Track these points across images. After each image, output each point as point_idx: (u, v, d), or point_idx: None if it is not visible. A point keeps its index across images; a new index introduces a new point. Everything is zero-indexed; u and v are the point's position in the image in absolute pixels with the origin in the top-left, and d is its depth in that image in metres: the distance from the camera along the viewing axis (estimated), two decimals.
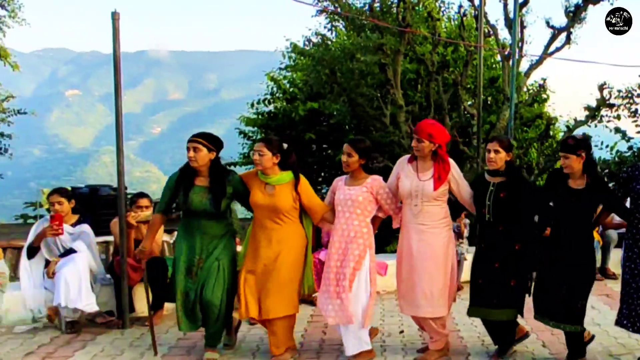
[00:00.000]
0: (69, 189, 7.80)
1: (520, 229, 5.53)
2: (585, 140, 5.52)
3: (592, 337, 5.84)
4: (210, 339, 5.81)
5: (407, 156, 5.81)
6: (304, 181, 5.78)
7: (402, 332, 6.47)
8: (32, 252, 6.76)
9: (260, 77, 18.26)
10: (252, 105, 17.45)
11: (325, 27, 18.91)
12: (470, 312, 5.77)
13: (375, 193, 5.70)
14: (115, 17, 7.06)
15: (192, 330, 5.78)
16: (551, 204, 5.64)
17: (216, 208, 5.64)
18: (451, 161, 5.67)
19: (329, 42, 17.58)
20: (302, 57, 17.28)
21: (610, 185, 6.31)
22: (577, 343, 5.60)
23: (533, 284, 5.70)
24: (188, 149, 5.62)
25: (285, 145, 5.78)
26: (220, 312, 5.65)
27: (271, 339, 5.78)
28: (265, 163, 5.63)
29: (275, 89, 17.80)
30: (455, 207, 5.91)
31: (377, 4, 16.93)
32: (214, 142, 5.68)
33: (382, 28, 14.62)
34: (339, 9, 16.84)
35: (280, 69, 18.07)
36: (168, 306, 6.98)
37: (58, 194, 6.83)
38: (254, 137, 17.48)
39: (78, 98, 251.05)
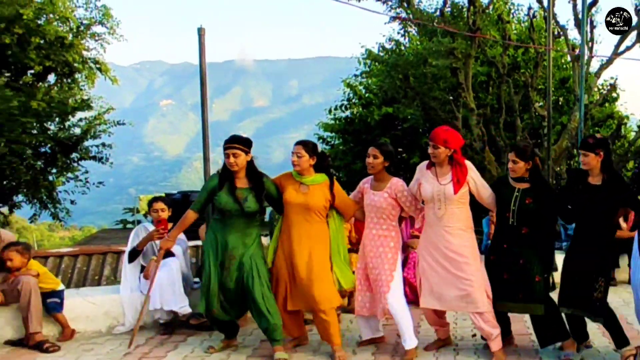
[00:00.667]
0: (163, 195, 7.93)
1: (543, 232, 5.51)
2: (604, 140, 5.52)
3: None
4: (272, 334, 5.75)
5: (426, 162, 5.72)
6: (337, 183, 5.86)
7: (474, 335, 6.23)
8: (134, 255, 6.87)
9: (339, 82, 18.27)
10: (330, 111, 17.48)
11: (398, 33, 18.81)
12: (497, 307, 5.61)
13: (395, 196, 5.70)
14: (201, 32, 7.13)
15: (224, 318, 5.81)
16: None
17: (259, 206, 5.72)
18: (469, 164, 5.59)
19: (402, 48, 17.46)
20: (376, 64, 17.22)
21: None
22: (616, 332, 5.46)
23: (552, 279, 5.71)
24: (227, 155, 5.65)
25: (320, 149, 5.90)
26: (267, 306, 5.63)
27: (327, 331, 5.71)
28: (302, 164, 5.70)
29: (351, 95, 17.77)
30: (475, 207, 5.75)
31: (448, 9, 16.73)
32: (248, 145, 5.74)
33: (453, 32, 14.44)
34: (411, 16, 16.70)
35: (356, 75, 18.02)
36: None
37: (162, 201, 6.97)
38: (332, 142, 17.50)
39: (172, 107, 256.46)
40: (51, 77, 19.61)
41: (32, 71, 18.74)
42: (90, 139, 19.69)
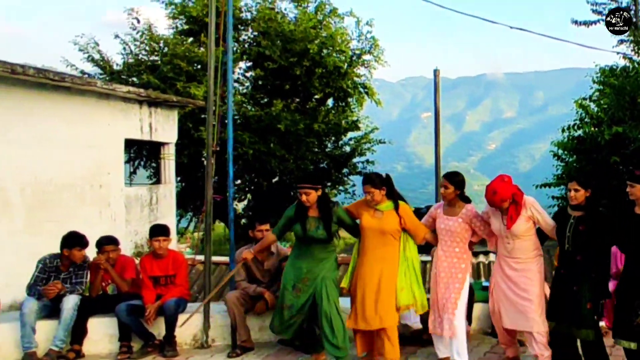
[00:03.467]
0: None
1: (597, 259, 5.16)
2: None
3: None
4: (332, 351, 5.60)
5: None
6: (403, 206, 5.60)
7: None
8: None
9: (582, 94, 16.76)
10: (563, 130, 16.18)
11: (632, 51, 16.92)
12: (550, 327, 5.33)
13: (469, 222, 5.54)
14: (436, 73, 7.07)
15: (285, 336, 5.86)
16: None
17: (327, 233, 5.63)
18: (530, 199, 5.40)
19: (636, 65, 15.65)
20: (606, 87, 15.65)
21: None
22: None
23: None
24: (300, 194, 5.60)
25: (384, 175, 5.67)
26: (333, 325, 5.52)
27: (386, 347, 5.49)
28: (377, 198, 5.53)
29: (583, 114, 16.27)
30: (540, 235, 5.52)
31: None
32: (318, 182, 5.68)
33: None
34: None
35: (584, 99, 16.40)
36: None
37: None
38: (567, 160, 16.19)
39: (431, 119, 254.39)
40: (329, 102, 20.57)
41: (316, 97, 19.87)
42: (358, 156, 20.36)
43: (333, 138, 20.08)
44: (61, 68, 18.08)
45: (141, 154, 17.71)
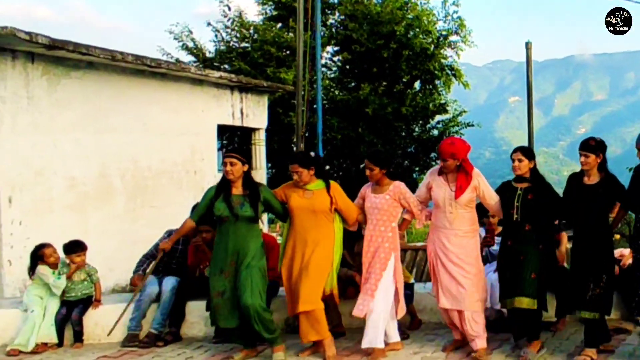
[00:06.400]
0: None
1: (544, 230, 5.10)
2: (603, 143, 5.08)
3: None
4: (268, 340, 5.22)
5: (437, 167, 5.35)
6: (335, 186, 5.32)
7: None
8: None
9: None
10: None
11: None
12: (503, 304, 5.27)
13: (398, 198, 5.26)
14: (528, 46, 6.66)
15: (231, 325, 5.22)
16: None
17: (254, 212, 5.18)
18: (476, 171, 5.23)
19: None
20: None
21: None
22: (597, 330, 4.94)
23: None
24: (225, 163, 5.18)
25: (312, 154, 5.39)
26: (258, 313, 5.04)
27: (304, 329, 5.16)
28: (304, 179, 5.23)
29: None
30: (479, 210, 5.37)
31: None
32: (245, 156, 5.31)
33: None
34: None
35: None
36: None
37: None
38: None
39: (518, 104, 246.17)
40: (416, 85, 20.07)
41: (403, 80, 19.41)
42: None
43: (421, 122, 19.63)
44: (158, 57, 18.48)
45: (233, 140, 17.87)
